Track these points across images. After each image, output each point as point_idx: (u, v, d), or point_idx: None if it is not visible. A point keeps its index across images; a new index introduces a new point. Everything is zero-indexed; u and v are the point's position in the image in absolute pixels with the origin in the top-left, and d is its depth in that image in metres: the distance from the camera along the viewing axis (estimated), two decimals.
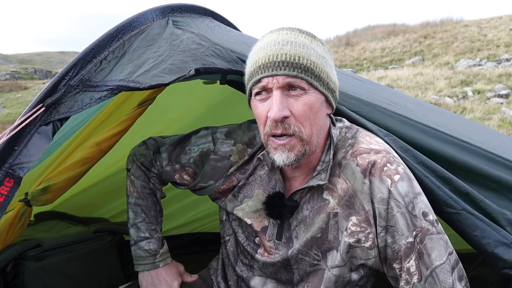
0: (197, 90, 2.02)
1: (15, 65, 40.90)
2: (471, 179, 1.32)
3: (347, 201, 1.15)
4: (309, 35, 1.14)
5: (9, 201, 1.01)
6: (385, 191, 1.10)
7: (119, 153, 2.31)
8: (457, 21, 19.71)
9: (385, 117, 1.42)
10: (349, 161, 1.16)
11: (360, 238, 1.13)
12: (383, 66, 15.07)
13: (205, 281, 1.49)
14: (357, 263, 1.17)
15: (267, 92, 1.11)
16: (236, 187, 1.32)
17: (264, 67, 1.09)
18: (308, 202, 1.20)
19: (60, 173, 1.58)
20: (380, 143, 1.20)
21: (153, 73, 1.14)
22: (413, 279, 1.08)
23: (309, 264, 1.21)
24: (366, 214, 1.12)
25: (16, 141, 1.04)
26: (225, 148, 1.33)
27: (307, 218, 1.20)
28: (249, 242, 1.31)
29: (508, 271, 1.15)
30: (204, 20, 1.58)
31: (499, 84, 9.32)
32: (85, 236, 2.08)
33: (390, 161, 1.13)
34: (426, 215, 1.09)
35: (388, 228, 1.10)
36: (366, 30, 21.66)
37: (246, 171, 1.32)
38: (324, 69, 1.12)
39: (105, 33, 1.21)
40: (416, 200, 1.10)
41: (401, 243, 1.09)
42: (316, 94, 1.11)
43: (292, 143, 1.10)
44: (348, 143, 1.19)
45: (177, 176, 1.41)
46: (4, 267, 1.79)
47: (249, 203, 1.29)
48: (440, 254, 1.07)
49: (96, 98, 1.10)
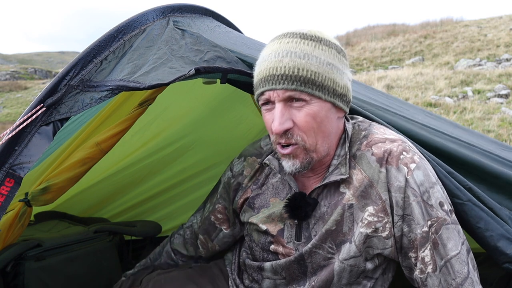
0: (197, 90, 2.02)
1: (15, 65, 40.88)
2: (475, 175, 1.32)
3: (362, 191, 1.15)
4: (313, 40, 1.11)
5: (9, 201, 1.01)
6: (402, 179, 1.10)
7: (119, 153, 2.31)
8: (457, 21, 19.70)
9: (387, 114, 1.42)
10: (364, 151, 1.16)
11: (377, 228, 1.13)
12: (383, 66, 15.06)
13: (222, 271, 1.48)
14: (373, 252, 1.16)
15: (271, 103, 1.12)
16: (250, 197, 1.33)
17: (265, 80, 1.10)
18: (325, 198, 1.20)
19: (60, 173, 1.58)
20: (395, 133, 1.21)
21: (153, 74, 1.14)
22: (427, 268, 1.09)
23: (323, 257, 1.19)
24: (383, 204, 1.12)
25: (16, 141, 1.04)
26: (238, 167, 1.39)
27: (325, 215, 1.19)
28: (264, 252, 1.30)
29: (509, 266, 1.15)
30: (205, 21, 1.58)
31: (499, 84, 9.31)
32: (85, 236, 2.08)
33: (406, 150, 1.13)
34: (442, 205, 1.10)
35: (405, 217, 1.10)
36: (366, 30, 21.64)
37: (258, 181, 1.33)
38: (329, 76, 1.10)
39: (106, 33, 1.21)
40: (433, 189, 1.10)
41: (417, 232, 1.09)
42: (320, 103, 1.10)
43: (296, 152, 1.12)
44: (362, 135, 1.20)
45: (212, 218, 1.48)
46: (4, 267, 1.79)
47: (265, 212, 1.29)
48: (456, 244, 1.08)
49: (97, 98, 1.10)
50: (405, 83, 10.47)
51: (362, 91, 1.78)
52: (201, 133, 2.34)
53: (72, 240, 2.02)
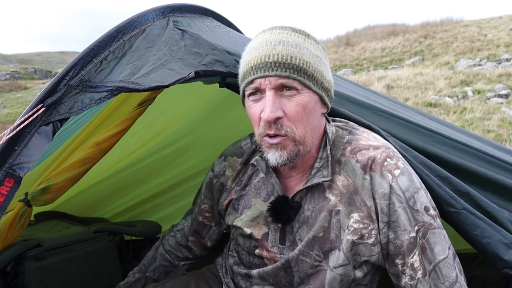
0: (197, 90, 2.02)
1: (15, 65, 40.90)
2: (471, 181, 1.32)
3: (348, 198, 1.14)
4: (303, 34, 1.13)
5: (9, 201, 1.01)
6: (387, 186, 1.10)
7: (119, 153, 2.32)
8: (457, 21, 19.71)
9: (382, 120, 1.42)
10: (349, 158, 1.15)
11: (363, 235, 1.12)
12: (383, 66, 15.06)
13: (215, 275, 1.48)
14: (360, 260, 1.16)
15: (260, 92, 1.10)
16: (234, 199, 1.32)
17: (256, 68, 1.08)
18: (309, 202, 1.19)
19: (60, 173, 1.58)
20: (378, 139, 1.20)
21: (152, 76, 1.14)
22: (417, 274, 1.08)
23: (310, 265, 1.18)
24: (368, 210, 1.12)
25: (16, 141, 1.04)
26: (220, 166, 1.39)
27: (309, 219, 1.18)
28: (250, 256, 1.30)
29: (508, 271, 1.15)
30: (204, 21, 1.58)
31: (499, 84, 9.31)
32: (85, 236, 2.08)
33: (390, 156, 1.13)
34: (428, 210, 1.09)
35: (390, 223, 1.10)
36: (366, 30, 21.64)
37: (241, 182, 1.32)
38: (318, 68, 1.11)
39: (105, 33, 1.21)
40: (418, 194, 1.10)
41: (404, 239, 1.08)
42: (310, 94, 1.10)
43: (284, 142, 1.09)
44: (345, 139, 1.19)
45: (201, 218, 1.49)
46: (4, 267, 1.79)
47: (248, 213, 1.28)
48: (443, 248, 1.08)
49: (96, 99, 1.10)
50: (405, 83, 10.47)
51: (361, 92, 1.77)
52: (201, 133, 2.34)
53: (72, 240, 2.03)
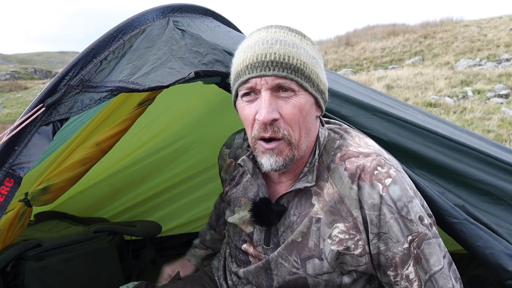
0: (197, 90, 2.02)
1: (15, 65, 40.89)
2: (469, 186, 1.32)
3: (331, 207, 1.10)
4: (299, 34, 1.08)
5: (9, 201, 1.01)
6: (377, 197, 1.04)
7: (119, 153, 2.32)
8: (457, 21, 19.69)
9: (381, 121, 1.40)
10: (338, 165, 1.11)
11: (349, 246, 1.08)
12: (383, 66, 15.06)
13: (211, 278, 1.48)
14: (348, 268, 1.13)
15: (255, 93, 1.05)
16: (228, 193, 1.32)
17: (252, 67, 1.03)
18: (295, 207, 1.15)
19: (60, 173, 1.58)
20: (370, 146, 1.14)
21: (152, 75, 1.13)
22: (413, 285, 1.06)
23: (288, 271, 1.16)
24: (355, 221, 1.07)
25: (16, 141, 1.04)
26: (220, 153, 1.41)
27: (294, 224, 1.14)
28: (237, 251, 1.29)
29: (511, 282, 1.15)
30: (205, 21, 1.58)
31: (499, 84, 9.30)
32: (85, 236, 2.08)
33: (381, 164, 1.07)
34: (422, 220, 1.05)
35: (381, 235, 1.05)
36: (366, 30, 21.63)
37: (234, 178, 1.31)
38: (314, 69, 1.06)
39: (105, 33, 1.21)
40: (411, 204, 1.05)
41: (396, 251, 1.05)
42: (306, 96, 1.05)
43: (281, 147, 1.05)
44: (336, 144, 1.15)
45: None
46: (4, 267, 1.79)
47: (239, 212, 1.27)
48: (438, 259, 1.05)
49: (96, 99, 1.10)
50: (405, 83, 10.47)
51: (361, 90, 1.77)
52: (201, 133, 2.34)
53: (72, 240, 2.03)
